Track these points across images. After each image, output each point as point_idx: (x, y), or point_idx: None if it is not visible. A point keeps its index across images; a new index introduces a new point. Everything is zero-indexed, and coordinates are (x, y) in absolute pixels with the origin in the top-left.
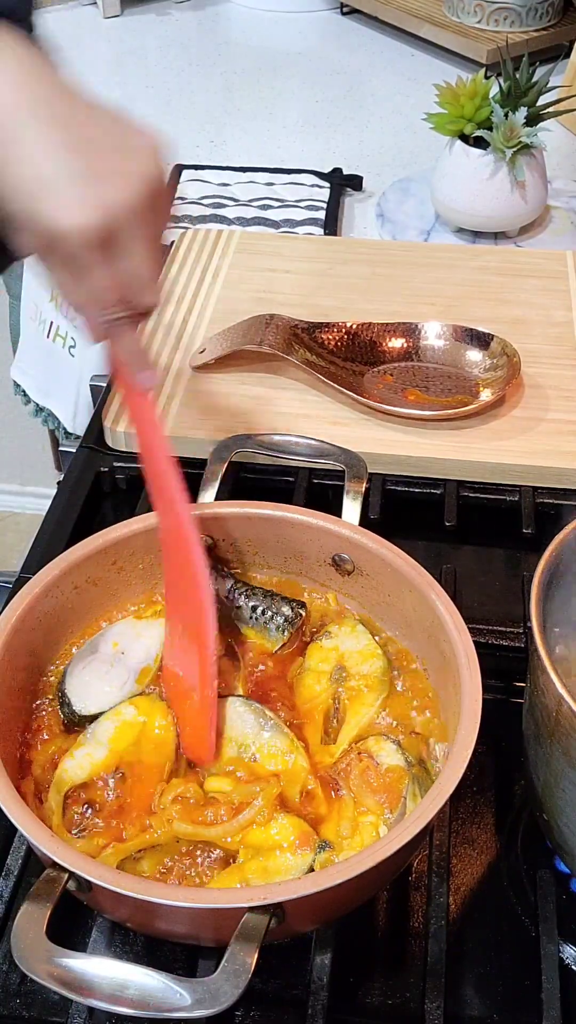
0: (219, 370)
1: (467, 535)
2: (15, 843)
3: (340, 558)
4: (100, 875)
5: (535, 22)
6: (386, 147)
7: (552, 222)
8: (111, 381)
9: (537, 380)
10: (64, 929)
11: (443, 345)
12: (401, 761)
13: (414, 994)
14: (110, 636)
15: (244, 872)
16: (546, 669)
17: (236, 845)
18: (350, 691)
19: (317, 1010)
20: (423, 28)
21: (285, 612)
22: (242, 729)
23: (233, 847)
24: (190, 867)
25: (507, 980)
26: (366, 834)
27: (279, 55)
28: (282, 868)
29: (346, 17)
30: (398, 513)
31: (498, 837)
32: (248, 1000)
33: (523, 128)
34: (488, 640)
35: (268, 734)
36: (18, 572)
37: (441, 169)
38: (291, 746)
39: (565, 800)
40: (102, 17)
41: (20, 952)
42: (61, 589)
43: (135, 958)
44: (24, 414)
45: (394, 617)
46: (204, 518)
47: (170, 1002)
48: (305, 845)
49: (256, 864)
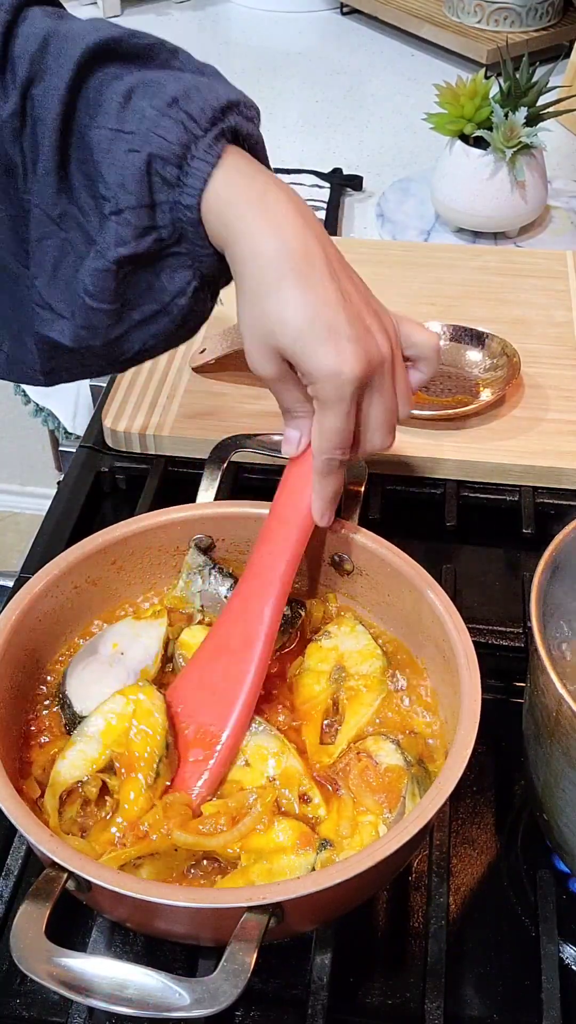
0: (219, 370)
1: (467, 535)
2: (15, 843)
3: (340, 558)
4: (99, 875)
5: (535, 22)
6: (386, 147)
7: (552, 222)
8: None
9: (537, 380)
10: (64, 929)
11: (443, 345)
12: (400, 761)
13: (414, 994)
14: (109, 637)
15: (248, 875)
16: (546, 669)
17: (237, 854)
18: (349, 691)
19: (317, 1010)
20: (423, 28)
21: (284, 612)
22: None
23: (234, 857)
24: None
25: (507, 980)
26: (365, 834)
27: (279, 55)
28: (286, 869)
29: (346, 17)
30: (398, 513)
31: (498, 837)
32: (248, 1000)
33: (523, 128)
34: (488, 640)
35: (258, 738)
36: (18, 572)
37: (441, 169)
38: (282, 748)
39: (565, 800)
40: (102, 17)
41: (20, 952)
42: (61, 589)
43: (135, 958)
44: (24, 414)
45: (394, 617)
46: (204, 518)
47: (169, 1002)
48: (307, 845)
49: (259, 868)
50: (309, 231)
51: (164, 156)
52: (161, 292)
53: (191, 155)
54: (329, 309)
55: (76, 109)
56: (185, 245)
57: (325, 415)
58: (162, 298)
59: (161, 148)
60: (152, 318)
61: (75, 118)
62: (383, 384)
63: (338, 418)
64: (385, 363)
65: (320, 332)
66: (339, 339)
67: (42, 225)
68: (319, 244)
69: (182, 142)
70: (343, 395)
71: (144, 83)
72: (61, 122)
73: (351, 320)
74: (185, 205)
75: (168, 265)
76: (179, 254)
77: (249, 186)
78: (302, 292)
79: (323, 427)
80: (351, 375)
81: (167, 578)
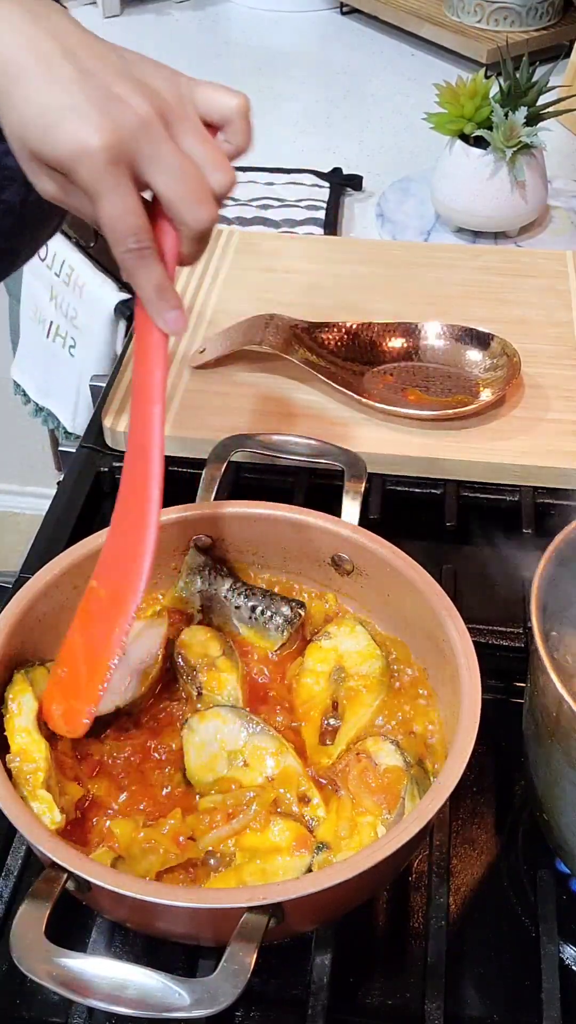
0: (219, 370)
1: (467, 535)
2: (15, 843)
3: (339, 558)
4: (99, 875)
5: (535, 22)
6: (386, 147)
7: (552, 222)
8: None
9: (537, 380)
10: (64, 929)
11: (443, 345)
12: (399, 761)
13: (414, 994)
14: None
15: (241, 874)
16: (546, 669)
17: (229, 849)
18: (349, 692)
19: (317, 1010)
20: (423, 28)
21: (284, 612)
22: (230, 735)
23: (227, 852)
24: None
25: (507, 980)
26: (364, 835)
27: (279, 55)
28: (280, 870)
29: (346, 17)
30: (398, 513)
31: (498, 837)
32: (248, 1000)
33: (523, 128)
34: (488, 640)
35: (256, 738)
36: (18, 572)
37: (441, 169)
38: (280, 747)
39: (565, 800)
40: (102, 17)
41: (19, 952)
42: (61, 589)
43: (135, 958)
44: (24, 414)
45: (394, 617)
46: (204, 518)
47: (169, 1002)
48: (302, 847)
49: (253, 867)
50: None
51: None
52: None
53: None
54: (61, 91)
55: None
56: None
57: (96, 204)
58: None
59: None
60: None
61: None
62: (159, 150)
63: (109, 201)
64: (150, 126)
65: (55, 117)
66: (76, 116)
67: None
68: (50, 36)
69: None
70: (98, 171)
71: None
72: None
73: (90, 95)
74: None
75: None
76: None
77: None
78: (30, 86)
79: (102, 219)
80: (97, 146)
81: (167, 578)
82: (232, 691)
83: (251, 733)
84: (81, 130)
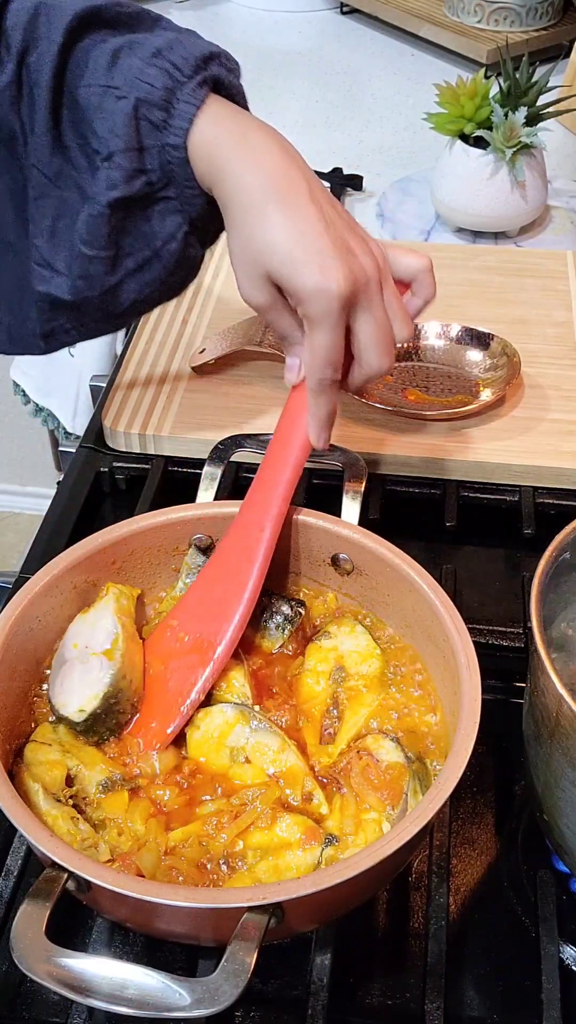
0: (219, 370)
1: (467, 535)
2: (15, 843)
3: (339, 558)
4: (100, 875)
5: (535, 22)
6: (386, 147)
7: (552, 222)
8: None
9: (537, 380)
10: (64, 929)
11: (443, 345)
12: (401, 758)
13: (414, 994)
14: (68, 641)
15: (255, 874)
16: (546, 669)
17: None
18: (349, 691)
19: (317, 1010)
20: (423, 28)
21: (284, 611)
22: (233, 733)
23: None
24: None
25: (507, 980)
26: (369, 831)
27: (279, 55)
28: (292, 865)
29: (346, 17)
30: (398, 513)
31: (498, 837)
32: (248, 1000)
33: (523, 128)
34: (488, 640)
35: (259, 735)
36: (18, 572)
37: (441, 169)
38: (283, 745)
39: (565, 800)
40: None
41: (20, 952)
42: (61, 589)
43: (135, 958)
44: (24, 414)
45: (394, 617)
46: (204, 518)
47: (169, 1002)
48: (312, 839)
49: (266, 864)
50: (291, 163)
51: (150, 100)
52: (152, 237)
53: (176, 99)
54: (313, 231)
55: (67, 72)
56: (174, 189)
57: (314, 333)
58: (154, 243)
59: (147, 93)
60: (145, 264)
61: (66, 80)
62: (372, 304)
63: (326, 335)
64: (371, 282)
65: (305, 251)
66: (323, 258)
67: (40, 185)
68: (301, 174)
69: (167, 87)
70: (330, 310)
71: (130, 43)
72: (54, 84)
73: (335, 241)
74: (172, 146)
75: (159, 210)
76: (168, 198)
77: (232, 126)
78: (286, 216)
79: (313, 345)
80: (336, 291)
81: (167, 578)
82: (240, 688)
83: (253, 730)
84: (328, 274)
